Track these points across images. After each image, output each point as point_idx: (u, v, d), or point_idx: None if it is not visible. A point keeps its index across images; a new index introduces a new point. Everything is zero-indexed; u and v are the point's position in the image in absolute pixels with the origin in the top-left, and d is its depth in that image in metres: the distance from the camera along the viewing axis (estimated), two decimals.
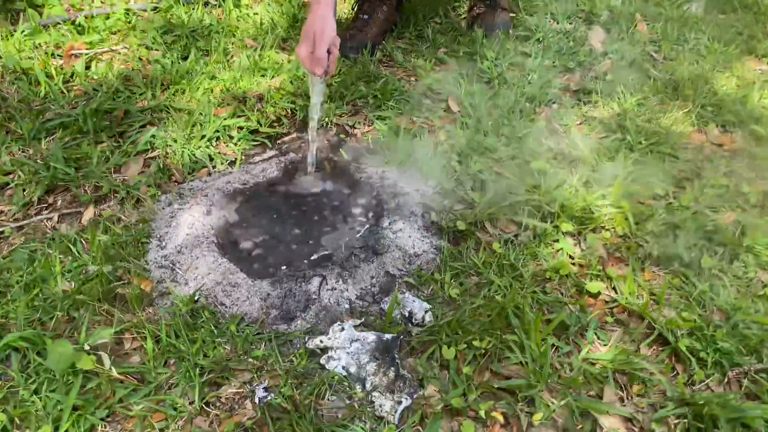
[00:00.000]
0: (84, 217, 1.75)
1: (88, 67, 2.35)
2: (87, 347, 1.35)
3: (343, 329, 1.45)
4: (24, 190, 1.82)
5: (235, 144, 2.05)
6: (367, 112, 2.24)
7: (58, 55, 2.40)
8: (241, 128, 2.11)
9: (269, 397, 1.32)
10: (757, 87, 2.42)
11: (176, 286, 1.55)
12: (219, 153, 2.01)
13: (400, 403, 1.33)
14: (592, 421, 1.35)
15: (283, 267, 1.62)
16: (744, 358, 1.47)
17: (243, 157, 2.02)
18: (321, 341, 1.43)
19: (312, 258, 1.65)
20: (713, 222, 1.81)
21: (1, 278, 1.53)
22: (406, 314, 1.52)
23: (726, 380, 1.44)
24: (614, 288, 1.63)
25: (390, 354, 1.41)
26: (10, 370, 1.34)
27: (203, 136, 2.04)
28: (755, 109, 2.33)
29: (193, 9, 2.71)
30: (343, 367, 1.39)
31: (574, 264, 1.70)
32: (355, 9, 2.70)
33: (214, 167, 1.97)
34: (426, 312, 1.52)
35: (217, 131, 2.08)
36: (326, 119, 2.18)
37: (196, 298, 1.51)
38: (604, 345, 1.51)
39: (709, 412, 1.33)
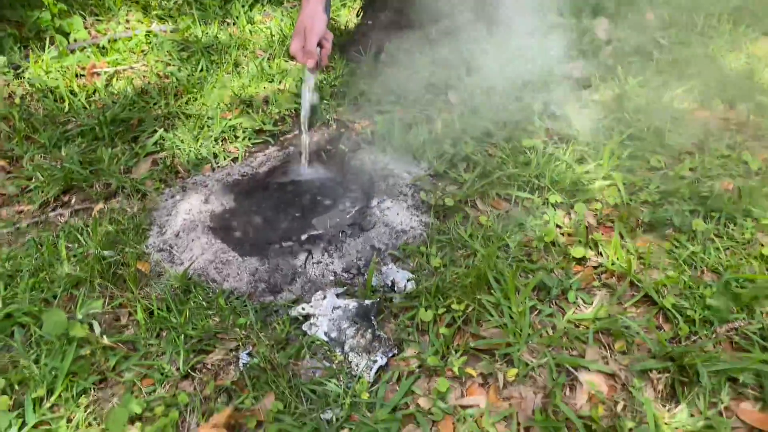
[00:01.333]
0: (93, 211, 1.86)
1: (108, 84, 2.51)
2: (80, 317, 1.43)
3: (325, 297, 1.49)
4: (42, 191, 1.95)
5: (240, 142, 2.15)
6: (367, 108, 2.31)
7: (81, 75, 2.57)
8: (245, 129, 2.20)
9: (251, 361, 1.37)
10: (765, 62, 2.38)
11: (172, 267, 1.63)
12: (223, 151, 2.11)
13: (375, 361, 1.35)
14: (572, 378, 1.34)
15: (274, 246, 1.68)
16: (734, 315, 1.43)
17: (246, 154, 2.11)
18: (303, 308, 1.48)
19: (302, 237, 1.70)
20: (709, 188, 1.78)
21: (12, 264, 1.64)
22: (389, 283, 1.55)
23: (715, 337, 1.40)
24: (601, 254, 1.62)
25: (368, 317, 1.44)
26: (13, 341, 1.43)
27: (209, 136, 2.15)
28: (764, 82, 2.29)
29: (209, 27, 2.86)
30: (325, 333, 1.43)
31: (562, 234, 1.70)
32: (360, 15, 2.79)
33: (217, 163, 2.06)
34: (408, 281, 1.55)
35: (223, 132, 2.18)
36: (327, 116, 2.26)
37: (188, 275, 1.59)
38: (589, 306, 1.50)
39: (692, 365, 1.30)
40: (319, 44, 1.81)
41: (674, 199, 1.77)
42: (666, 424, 1.23)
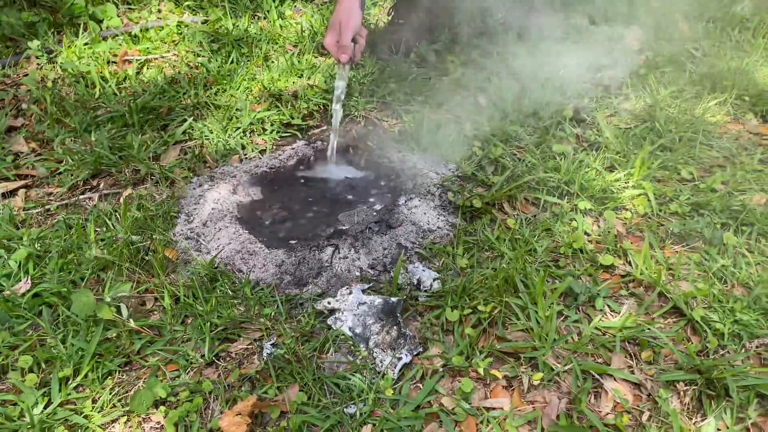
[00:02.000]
0: (122, 197, 1.87)
1: (139, 72, 2.53)
2: (108, 299, 1.44)
3: (351, 292, 1.49)
4: (71, 174, 1.97)
5: (268, 135, 2.15)
6: (396, 106, 2.31)
7: (113, 62, 2.59)
8: (274, 122, 2.21)
9: (275, 351, 1.37)
10: None
11: (199, 255, 1.64)
12: (251, 142, 2.12)
13: (399, 359, 1.35)
14: (597, 386, 1.33)
15: (300, 239, 1.68)
16: (764, 331, 1.42)
17: (273, 147, 2.11)
18: (329, 303, 1.47)
19: (329, 232, 1.70)
20: (741, 202, 1.76)
21: (42, 245, 1.66)
22: (415, 282, 1.54)
23: (744, 351, 1.38)
24: (629, 262, 1.61)
25: (394, 314, 1.43)
26: (41, 320, 1.44)
27: (238, 128, 2.15)
28: None
29: (240, 20, 2.87)
30: (349, 328, 1.42)
31: (590, 241, 1.68)
32: (392, 14, 2.79)
33: (245, 155, 2.07)
34: (434, 280, 1.54)
35: (252, 124, 2.19)
36: (356, 113, 2.26)
37: (215, 264, 1.59)
38: (616, 314, 1.48)
39: (720, 379, 1.28)
40: (353, 39, 1.82)
41: (705, 211, 1.75)
42: None
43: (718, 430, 1.24)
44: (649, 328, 1.42)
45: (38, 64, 2.56)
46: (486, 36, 2.69)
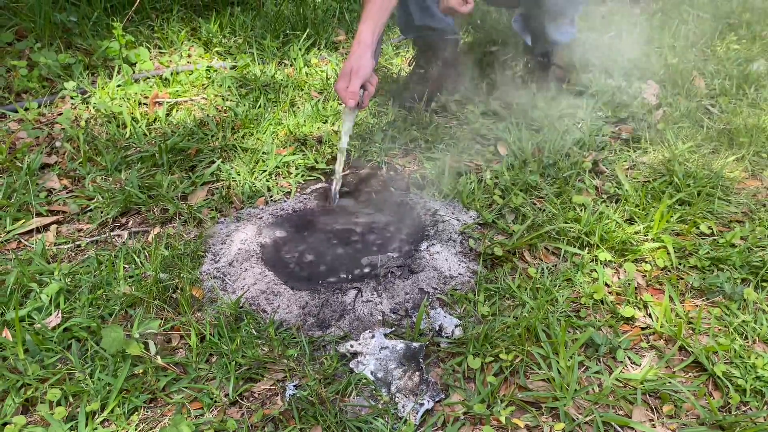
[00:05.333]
0: (150, 235, 1.92)
1: (169, 114, 2.61)
2: (137, 335, 1.47)
3: (373, 336, 1.51)
4: (101, 211, 2.02)
5: (293, 178, 2.21)
6: (417, 153, 2.36)
7: (144, 103, 2.68)
8: (299, 165, 2.27)
9: (298, 393, 1.39)
10: None
11: (224, 294, 1.67)
12: (277, 185, 2.17)
13: (422, 405, 1.36)
14: None
15: (324, 282, 1.71)
16: None
17: (298, 190, 2.16)
18: (351, 346, 1.49)
19: (352, 275, 1.73)
20: (761, 258, 1.77)
21: (72, 280, 1.70)
22: (437, 328, 1.56)
23: (766, 408, 1.38)
24: (650, 315, 1.62)
25: (416, 360, 1.45)
26: (70, 354, 1.47)
27: (264, 170, 2.21)
28: None
29: (267, 67, 2.97)
30: (371, 372, 1.44)
31: (611, 293, 1.70)
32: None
33: (271, 197, 2.12)
34: (456, 327, 1.56)
35: (278, 167, 2.25)
36: (378, 159, 2.31)
37: (240, 304, 1.62)
38: (637, 366, 1.49)
39: None
40: (363, 86, 1.90)
41: (725, 266, 1.77)
42: None
43: None
44: (670, 382, 1.42)
45: (72, 104, 2.65)
46: (505, 87, 2.76)
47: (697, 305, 1.66)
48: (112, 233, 1.95)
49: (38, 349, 1.47)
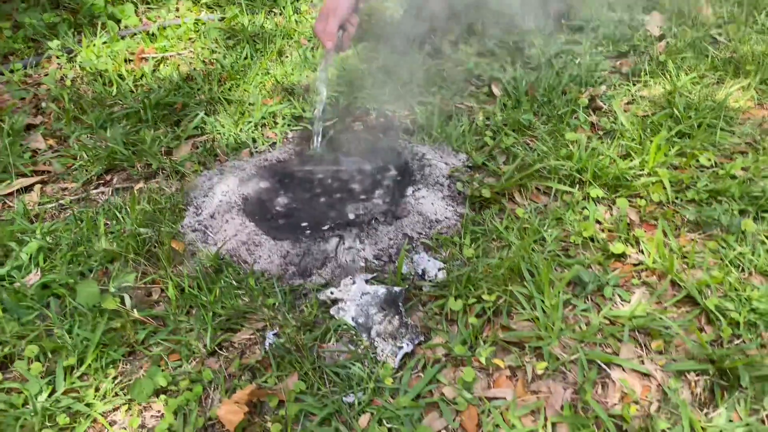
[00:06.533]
0: (133, 191, 1.89)
1: (155, 69, 2.56)
2: (112, 290, 1.46)
3: (354, 282, 1.48)
4: (85, 170, 2.00)
5: (279, 128, 2.15)
6: (408, 98, 2.29)
7: (130, 60, 2.62)
8: (285, 115, 2.21)
9: (276, 341, 1.37)
10: None
11: (205, 247, 1.64)
12: (262, 136, 2.12)
13: (401, 348, 1.33)
14: (604, 376, 1.29)
15: (306, 230, 1.68)
16: None
17: (284, 140, 2.11)
18: (332, 293, 1.46)
19: (335, 223, 1.69)
20: (761, 189, 1.69)
21: (53, 238, 1.68)
22: (420, 272, 1.52)
23: (759, 341, 1.33)
24: (642, 251, 1.56)
25: (396, 304, 1.42)
26: (48, 311, 1.46)
27: (249, 122, 2.16)
28: None
29: (256, 17, 2.89)
30: (352, 318, 1.41)
31: (602, 230, 1.64)
32: (405, 6, 2.77)
33: (256, 148, 2.07)
34: (439, 270, 1.52)
35: (263, 117, 2.19)
36: (368, 106, 2.24)
37: (221, 255, 1.59)
38: (626, 303, 1.44)
39: (733, 368, 1.23)
40: (342, 27, 1.82)
41: (723, 198, 1.69)
42: (702, 428, 1.18)
43: (731, 421, 1.19)
44: (660, 318, 1.37)
45: (58, 63, 2.61)
46: (500, 24, 2.65)
47: (692, 239, 1.59)
48: (95, 191, 1.93)
49: (17, 306, 1.46)
